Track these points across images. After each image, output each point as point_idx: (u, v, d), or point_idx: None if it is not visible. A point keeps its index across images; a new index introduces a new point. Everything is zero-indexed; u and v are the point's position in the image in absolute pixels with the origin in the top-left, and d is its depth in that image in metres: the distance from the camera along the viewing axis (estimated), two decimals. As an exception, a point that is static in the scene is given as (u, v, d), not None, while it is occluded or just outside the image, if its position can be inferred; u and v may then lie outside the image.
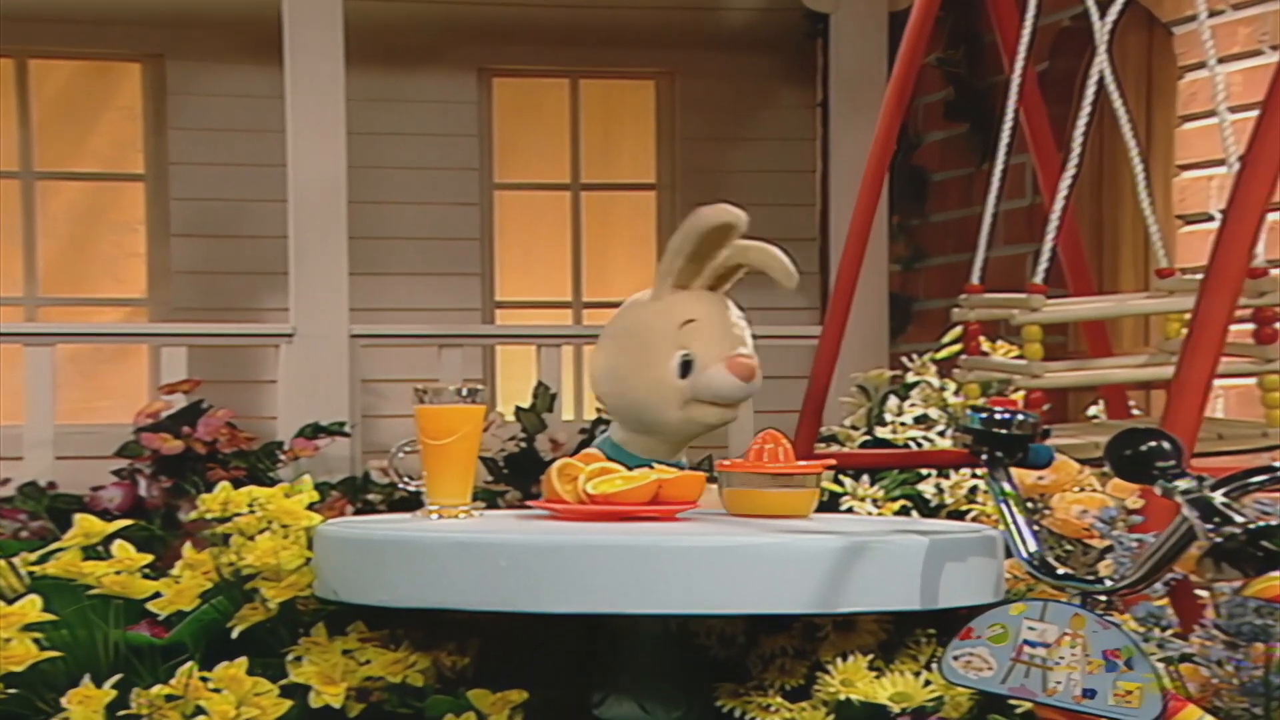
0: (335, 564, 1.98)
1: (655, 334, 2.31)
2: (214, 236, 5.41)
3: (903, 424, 3.14)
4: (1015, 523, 1.67)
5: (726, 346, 2.29)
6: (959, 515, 2.74)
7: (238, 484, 2.27)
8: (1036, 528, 1.68)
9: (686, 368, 2.28)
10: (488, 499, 3.83)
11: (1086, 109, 2.32)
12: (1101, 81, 2.37)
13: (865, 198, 2.78)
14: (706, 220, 2.31)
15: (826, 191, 5.22)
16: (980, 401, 2.52)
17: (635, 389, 2.30)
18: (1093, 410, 3.02)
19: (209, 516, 2.21)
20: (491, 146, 5.69)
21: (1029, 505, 2.16)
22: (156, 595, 2.14)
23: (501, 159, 5.71)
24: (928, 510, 2.82)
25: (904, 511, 2.81)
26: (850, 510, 2.82)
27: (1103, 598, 1.60)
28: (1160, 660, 1.83)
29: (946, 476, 2.88)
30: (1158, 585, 1.86)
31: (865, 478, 2.88)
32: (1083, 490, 2.19)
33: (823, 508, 2.22)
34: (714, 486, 2.13)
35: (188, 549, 2.21)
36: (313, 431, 4.27)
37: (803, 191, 5.68)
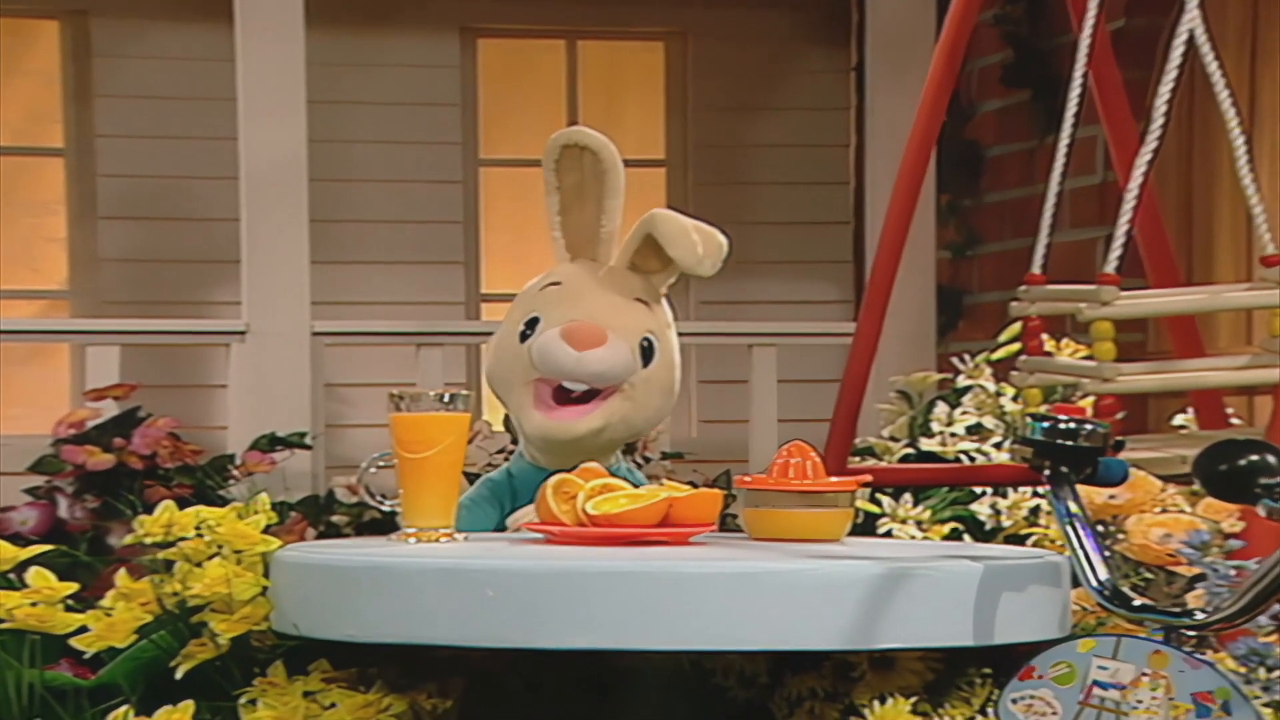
0: (296, 594, 1.99)
1: (520, 298, 2.40)
2: (150, 219, 5.42)
3: (952, 435, 3.14)
4: (1083, 547, 1.67)
5: (579, 313, 2.32)
6: (1018, 540, 2.74)
7: (182, 503, 2.27)
8: (1108, 553, 1.68)
9: (529, 330, 2.33)
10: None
11: (1172, 72, 2.32)
12: (1191, 40, 2.37)
13: (908, 176, 2.79)
14: (553, 141, 2.37)
15: (862, 168, 5.22)
16: (1042, 409, 2.52)
17: (490, 365, 2.39)
18: (1179, 419, 3.02)
19: (148, 541, 2.21)
20: (476, 117, 5.70)
21: (1100, 528, 2.16)
22: (82, 630, 2.14)
23: (487, 131, 5.71)
24: (982, 534, 2.82)
25: (954, 536, 2.82)
26: (889, 534, 2.82)
27: (1192, 633, 1.60)
28: (1266, 705, 1.83)
29: (1004, 495, 2.88)
30: (1262, 619, 1.86)
31: (907, 497, 2.88)
32: (1164, 511, 2.20)
33: (856, 531, 2.23)
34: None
35: (122, 577, 2.21)
36: (269, 443, 4.27)
37: (835, 168, 5.69)
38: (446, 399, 2.08)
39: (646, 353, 2.34)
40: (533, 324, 2.33)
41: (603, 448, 2.33)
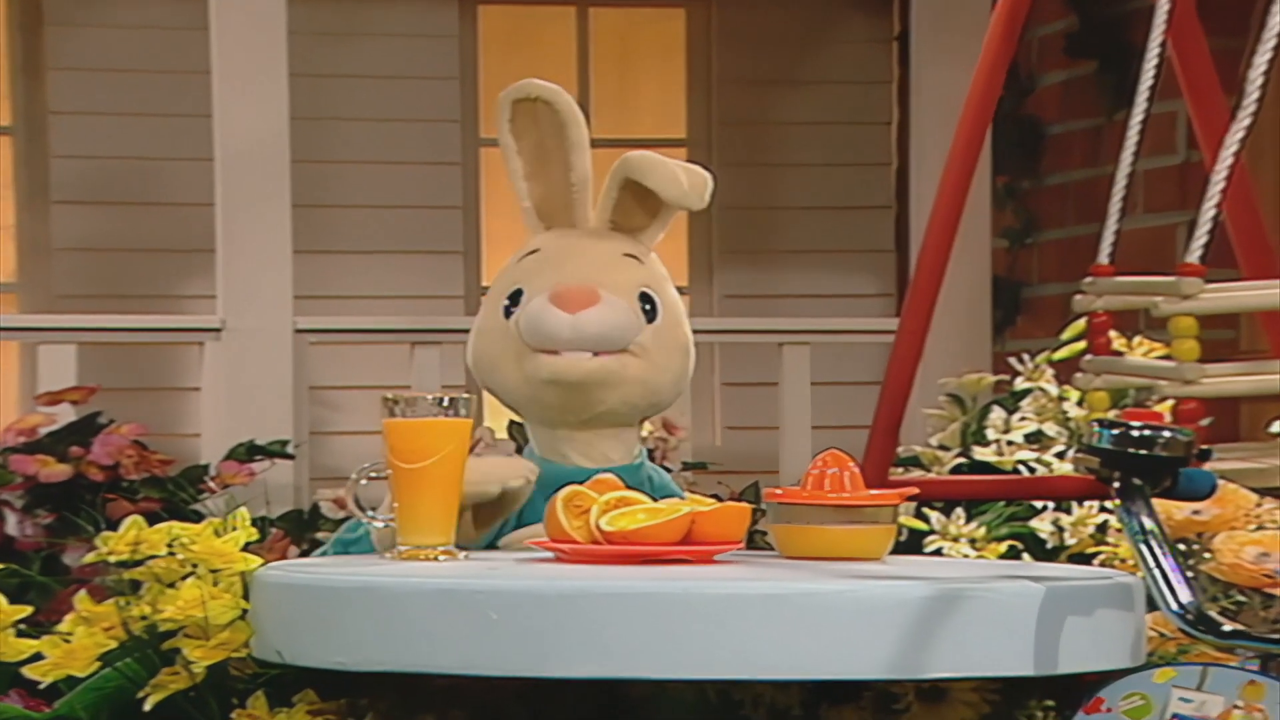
0: (279, 618, 1.99)
1: (498, 278, 2.40)
2: (111, 203, 5.42)
3: (1010, 443, 3.14)
4: (1160, 567, 1.66)
5: (565, 276, 2.31)
6: (1084, 559, 2.74)
7: (150, 519, 2.27)
8: (1192, 574, 1.68)
9: (513, 305, 2.33)
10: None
11: (1272, 40, 2.31)
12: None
13: (960, 156, 2.78)
14: (503, 99, 2.37)
15: (906, 148, 5.22)
16: (1110, 414, 2.51)
17: (474, 351, 2.39)
18: (1278, 426, 3.00)
19: (113, 560, 2.21)
20: (476, 92, 5.70)
21: (1182, 547, 2.15)
22: (36, 657, 2.14)
23: (489, 108, 5.71)
24: (1043, 553, 2.82)
25: (1012, 555, 2.81)
26: (939, 553, 2.82)
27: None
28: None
29: (1067, 511, 2.87)
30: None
31: (959, 512, 2.87)
32: (1260, 528, 2.18)
33: (901, 550, 2.23)
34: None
35: (82, 600, 2.22)
36: (247, 453, 4.27)
37: (875, 148, 5.68)
38: (445, 403, 2.09)
39: (648, 309, 2.33)
40: (516, 297, 2.33)
41: (620, 411, 2.31)
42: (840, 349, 5.07)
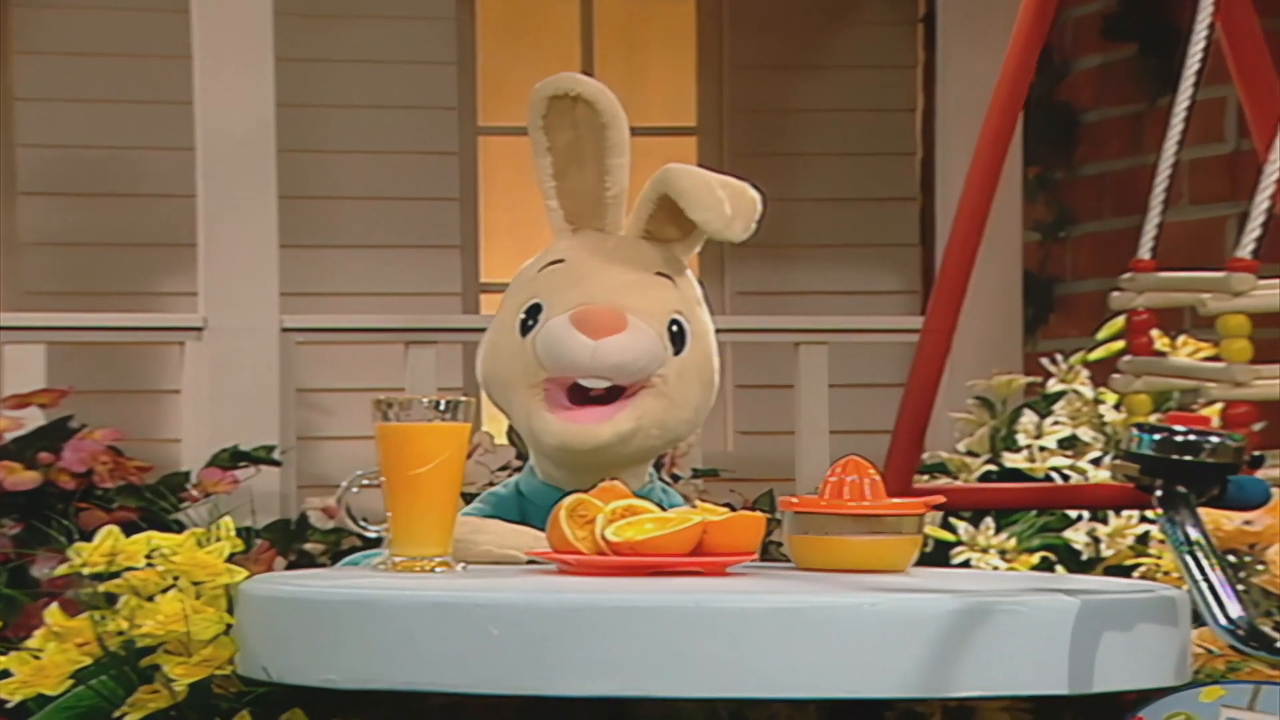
0: (266, 633, 1.99)
1: (515, 284, 2.35)
2: (83, 195, 5.42)
3: (1042, 449, 3.14)
4: (1207, 580, 1.66)
5: (590, 294, 2.27)
6: (1122, 572, 2.74)
7: (128, 529, 2.27)
8: (1243, 588, 1.67)
9: (530, 320, 2.29)
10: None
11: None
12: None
13: (989, 145, 2.77)
14: (538, 93, 2.32)
15: (932, 136, 5.21)
16: (1151, 419, 2.50)
17: (485, 368, 2.33)
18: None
19: (87, 572, 2.21)
20: (474, 77, 5.70)
21: (1232, 559, 2.14)
22: (4, 675, 2.14)
23: (487, 95, 5.72)
24: (1078, 565, 2.82)
25: (1045, 567, 2.81)
26: (966, 564, 2.81)
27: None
28: None
29: (1104, 521, 2.87)
30: None
31: (988, 522, 2.87)
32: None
33: (926, 561, 2.22)
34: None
35: (53, 614, 2.22)
36: (230, 459, 4.28)
37: (899, 136, 5.68)
38: (442, 407, 2.09)
39: (677, 337, 2.30)
40: (534, 312, 2.29)
41: (633, 457, 2.30)
42: (860, 349, 5.07)
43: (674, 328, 2.29)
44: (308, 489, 4.47)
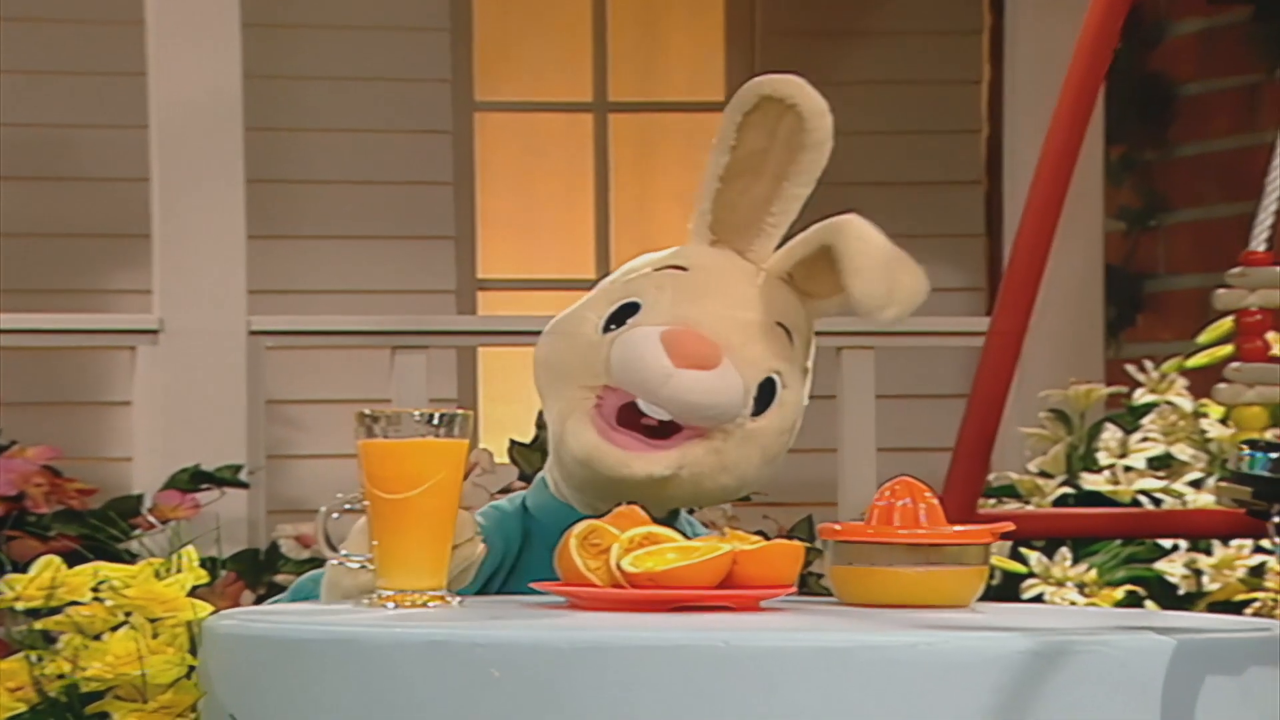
0: (234, 675, 2.00)
1: (623, 273, 2.34)
2: (20, 179, 5.43)
3: (1129, 469, 3.14)
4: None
5: (697, 317, 2.26)
6: (1231, 608, 2.73)
7: (69, 560, 2.28)
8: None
9: (619, 320, 2.28)
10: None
11: None
12: None
13: (1066, 121, 2.77)
14: (751, 88, 2.31)
15: (999, 112, 5.22)
16: (1268, 435, 2.50)
17: (546, 349, 2.31)
18: None
19: (21, 607, 2.22)
20: (470, 46, 5.71)
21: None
22: (-78, 725, 2.15)
23: (485, 65, 5.73)
24: (1173, 600, 2.81)
25: (1132, 602, 2.81)
26: (1039, 599, 2.81)
27: None
28: None
29: (1206, 551, 2.87)
30: None
31: (1064, 551, 2.88)
32: None
33: (992, 596, 2.22)
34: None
35: (-19, 654, 2.22)
36: (190, 480, 4.29)
37: (961, 112, 5.68)
38: (435, 421, 2.09)
39: (764, 396, 2.28)
40: (627, 311, 2.28)
41: (656, 504, 2.27)
42: (914, 355, 5.07)
43: (766, 385, 2.28)
44: (279, 514, 4.48)
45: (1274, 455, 1.72)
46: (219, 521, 4.19)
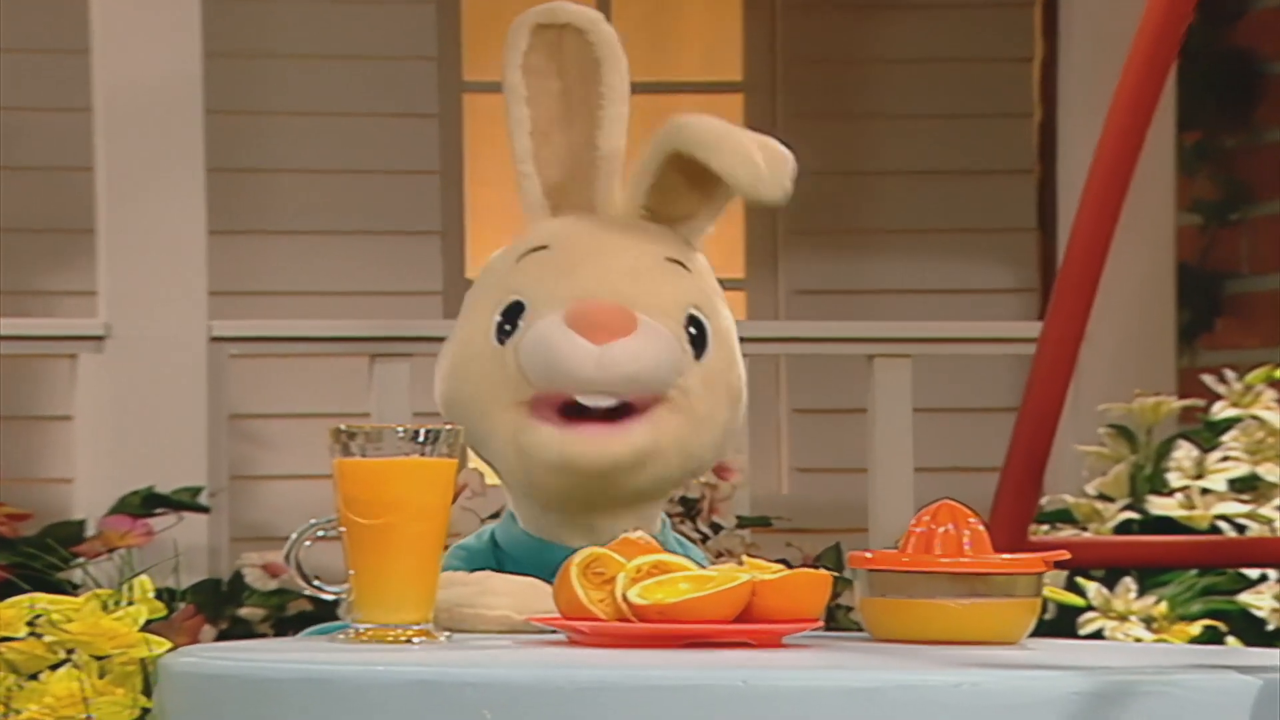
0: (194, 719, 1.99)
1: (484, 280, 2.37)
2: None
3: (1205, 491, 3.13)
4: None
5: (587, 287, 2.28)
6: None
7: (1, 591, 2.28)
8: None
9: (510, 323, 2.30)
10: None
11: None
12: None
13: (1130, 102, 2.77)
14: (517, 25, 2.35)
15: (1053, 92, 5.22)
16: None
17: (448, 385, 2.34)
18: None
19: (-57, 644, 2.22)
20: (458, 21, 5.72)
21: None
22: None
23: (473, 42, 5.73)
24: (1259, 636, 2.81)
25: (1211, 638, 2.81)
26: (1099, 635, 2.81)
27: None
28: None
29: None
30: None
31: (1127, 582, 2.88)
32: None
33: (1045, 631, 2.23)
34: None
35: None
36: (142, 504, 4.30)
37: (1010, 93, 5.68)
38: (421, 437, 2.09)
39: (697, 338, 2.31)
40: (514, 313, 2.31)
41: (647, 490, 2.31)
42: (958, 363, 5.07)
43: (692, 327, 2.31)
44: (244, 541, 4.49)
45: None
46: (176, 549, 4.20)
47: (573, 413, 2.28)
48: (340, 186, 5.56)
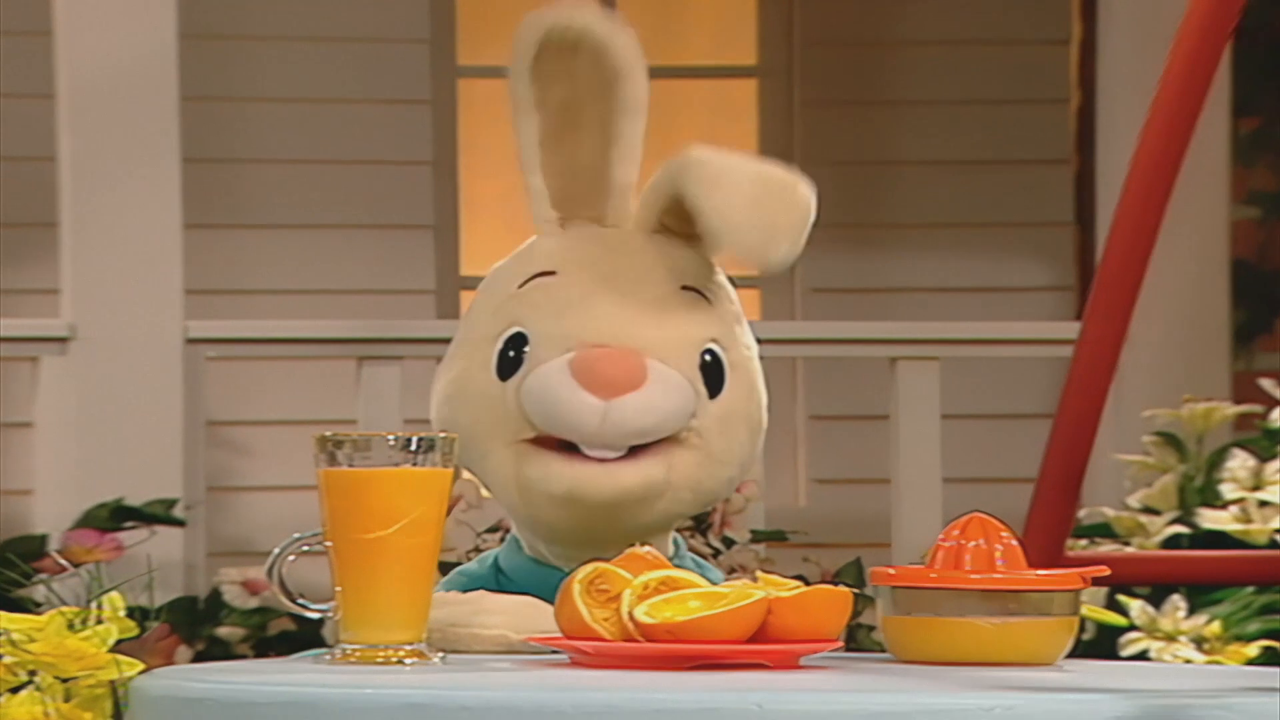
0: (169, 747, 1.99)
1: (485, 300, 2.38)
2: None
3: (1263, 504, 3.14)
4: None
5: (595, 327, 2.29)
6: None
7: (-51, 609, 2.29)
8: None
9: (513, 358, 2.31)
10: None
11: None
12: None
13: (1177, 88, 2.77)
14: (524, 31, 2.34)
15: (1092, 77, 5.22)
16: None
17: (445, 413, 2.35)
18: None
19: (-110, 665, 2.22)
20: (453, 1, 5.72)
21: None
22: None
23: (469, 25, 5.74)
24: (1322, 660, 2.83)
25: (1269, 659, 2.81)
26: (1143, 656, 2.81)
27: None
28: None
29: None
30: None
31: (1175, 600, 2.87)
32: None
33: (1084, 652, 2.23)
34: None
35: None
36: (111, 517, 4.30)
37: (1046, 78, 5.68)
38: (413, 446, 2.09)
39: (712, 374, 2.32)
40: (516, 344, 2.32)
41: (659, 522, 2.32)
42: (988, 366, 5.06)
43: (708, 361, 2.31)
44: (222, 557, 4.49)
45: None
46: (150, 565, 4.20)
47: (574, 448, 2.30)
48: (326, 177, 5.56)
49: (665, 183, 2.32)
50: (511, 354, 2.31)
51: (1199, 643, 2.86)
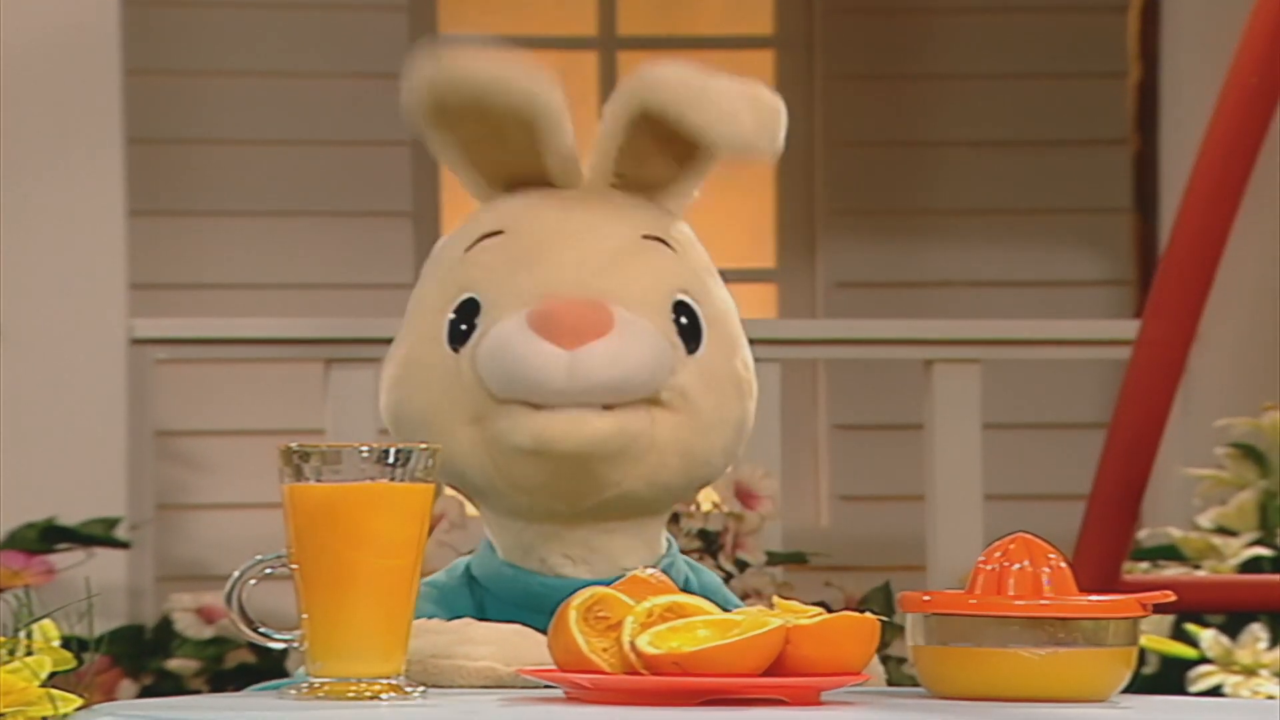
0: (114, 790, 2.00)
1: (430, 273, 2.42)
2: None
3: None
4: None
5: (553, 279, 2.31)
6: None
7: None
8: None
9: (464, 324, 2.33)
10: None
11: None
12: None
13: (1251, 62, 2.78)
14: (415, 97, 2.39)
15: (1154, 48, 5.23)
16: None
17: (397, 397, 2.37)
18: None
19: None
20: (432, -38, 5.75)
21: None
22: None
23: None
24: None
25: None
26: (1216, 691, 2.82)
27: None
28: None
29: None
30: None
31: (1254, 629, 2.88)
32: None
33: (1144, 686, 2.23)
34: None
35: None
36: (41, 537, 4.31)
37: (1101, 50, 5.69)
38: (391, 458, 2.10)
39: (687, 328, 2.33)
40: (468, 312, 2.34)
41: (645, 492, 2.33)
42: (1036, 370, 5.08)
43: (680, 312, 2.33)
44: (173, 581, 4.50)
45: None
46: (89, 589, 4.21)
47: None
48: (290, 160, 5.58)
49: (624, 108, 2.33)
50: (464, 326, 2.33)
51: (1280, 677, 2.88)
